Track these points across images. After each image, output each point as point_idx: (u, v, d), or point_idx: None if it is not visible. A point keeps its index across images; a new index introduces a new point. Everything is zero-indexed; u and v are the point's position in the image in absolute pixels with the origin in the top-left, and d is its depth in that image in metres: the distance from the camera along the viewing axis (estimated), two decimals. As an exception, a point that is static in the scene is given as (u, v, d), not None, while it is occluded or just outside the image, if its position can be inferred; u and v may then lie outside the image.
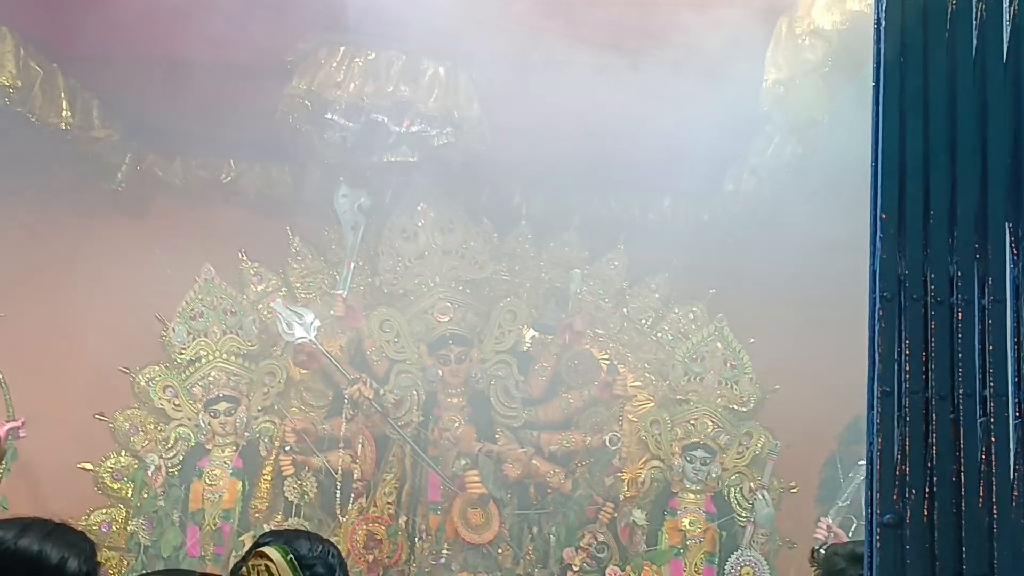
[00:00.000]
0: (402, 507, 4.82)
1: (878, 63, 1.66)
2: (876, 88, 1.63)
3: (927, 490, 1.45)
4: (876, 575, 1.41)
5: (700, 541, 4.86)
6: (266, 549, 1.99)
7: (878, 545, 1.44)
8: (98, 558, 1.57)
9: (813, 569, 2.60)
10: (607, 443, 4.92)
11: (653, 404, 5.07)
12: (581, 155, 4.66)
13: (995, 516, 1.45)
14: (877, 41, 1.65)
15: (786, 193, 4.56)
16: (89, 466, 4.83)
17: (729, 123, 4.14)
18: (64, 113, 4.48)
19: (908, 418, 1.46)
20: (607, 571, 4.80)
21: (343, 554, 2.22)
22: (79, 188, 4.97)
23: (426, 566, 4.74)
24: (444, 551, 4.70)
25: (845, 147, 3.87)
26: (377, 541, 4.74)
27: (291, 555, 2.00)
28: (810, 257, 4.63)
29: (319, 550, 2.08)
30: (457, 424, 4.87)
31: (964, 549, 1.42)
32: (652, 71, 3.99)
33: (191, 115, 4.63)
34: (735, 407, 5.03)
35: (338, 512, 4.73)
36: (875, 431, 1.49)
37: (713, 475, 4.93)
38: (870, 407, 1.51)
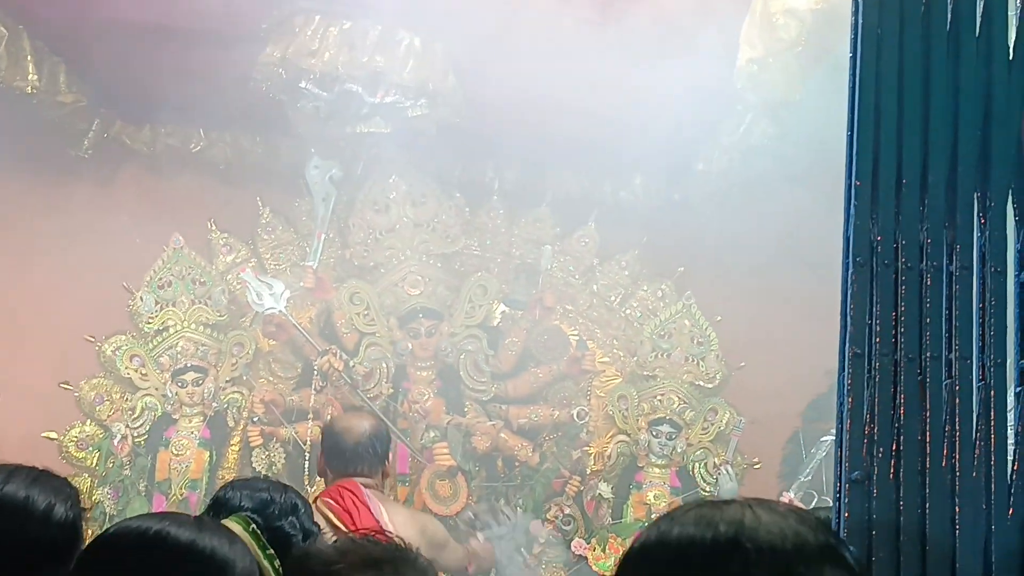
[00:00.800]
0: (370, 478, 4.83)
1: (856, 35, 1.70)
2: (853, 59, 1.67)
3: (894, 448, 1.50)
4: (845, 530, 1.46)
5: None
6: (226, 523, 1.95)
7: (847, 500, 1.49)
8: (82, 503, 1.57)
9: None
10: (575, 417, 4.97)
11: (621, 380, 5.13)
12: (554, 132, 4.68)
13: (958, 474, 1.50)
14: (855, 13, 1.68)
15: (757, 173, 4.61)
16: (54, 435, 4.79)
17: (701, 102, 4.17)
18: (30, 77, 4.41)
19: (877, 379, 1.51)
20: (573, 543, 4.86)
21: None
22: (45, 154, 4.90)
23: (393, 537, 4.76)
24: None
25: (817, 128, 3.92)
26: (345, 512, 4.75)
27: (253, 525, 1.96)
28: (779, 238, 4.70)
29: (283, 503, 2.07)
30: (426, 397, 4.89)
31: (928, 505, 1.48)
32: (627, 48, 4.00)
33: (161, 82, 4.58)
34: (701, 383, 5.10)
35: (306, 483, 4.73)
36: (846, 392, 1.53)
37: (678, 450, 5.00)
38: (841, 368, 1.56)
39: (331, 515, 3.07)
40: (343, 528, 3.01)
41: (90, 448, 4.79)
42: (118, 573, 1.35)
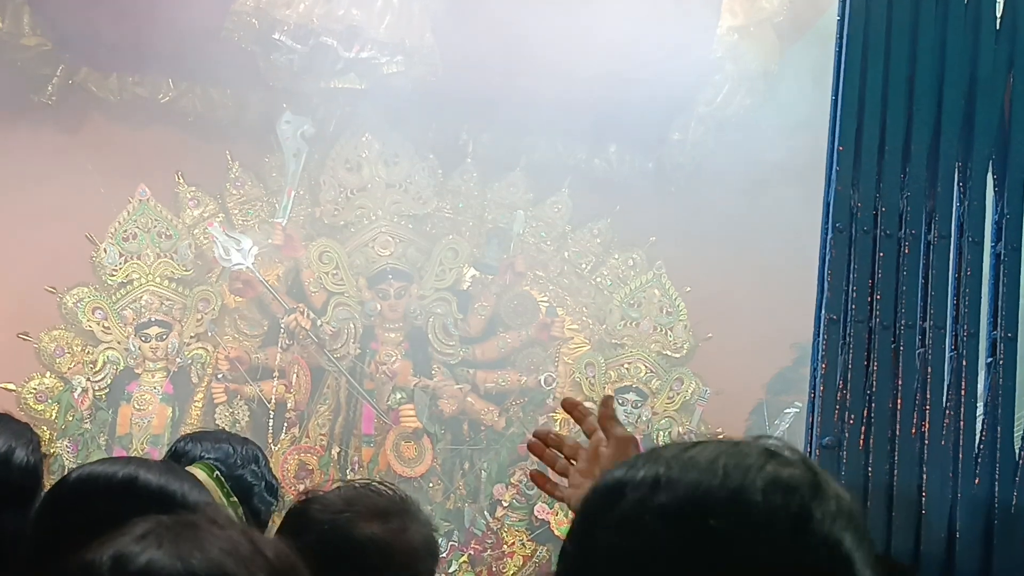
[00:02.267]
0: (335, 438, 4.81)
1: (844, 2, 1.68)
2: (840, 23, 1.65)
3: (865, 415, 1.50)
4: (813, 493, 1.46)
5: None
6: (192, 468, 1.93)
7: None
8: (43, 449, 1.53)
9: None
10: (542, 383, 4.97)
11: (589, 347, 5.13)
12: (530, 96, 4.63)
13: (927, 443, 1.51)
14: (844, -23, 1.66)
15: (732, 144, 4.61)
16: (12, 387, 4.71)
17: (679, 71, 4.15)
18: (-7, 17, 4.28)
19: (852, 346, 1.51)
20: (535, 508, 4.89)
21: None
22: (6, 97, 4.76)
23: (357, 498, 4.75)
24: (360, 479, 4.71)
25: (793, 100, 3.93)
26: (308, 471, 4.73)
27: (217, 472, 1.94)
28: (751, 210, 4.71)
29: (244, 453, 2.04)
30: (394, 359, 4.87)
31: (896, 472, 1.49)
32: (607, 13, 3.97)
33: (130, 29, 4.45)
34: (668, 353, 5.13)
35: (270, 441, 4.71)
36: (820, 357, 1.53)
37: (643, 418, 5.03)
38: (816, 334, 1.56)
39: None
40: None
41: (49, 401, 4.72)
42: (86, 518, 1.31)
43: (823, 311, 1.52)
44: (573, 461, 1.34)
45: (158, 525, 0.88)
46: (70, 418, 4.69)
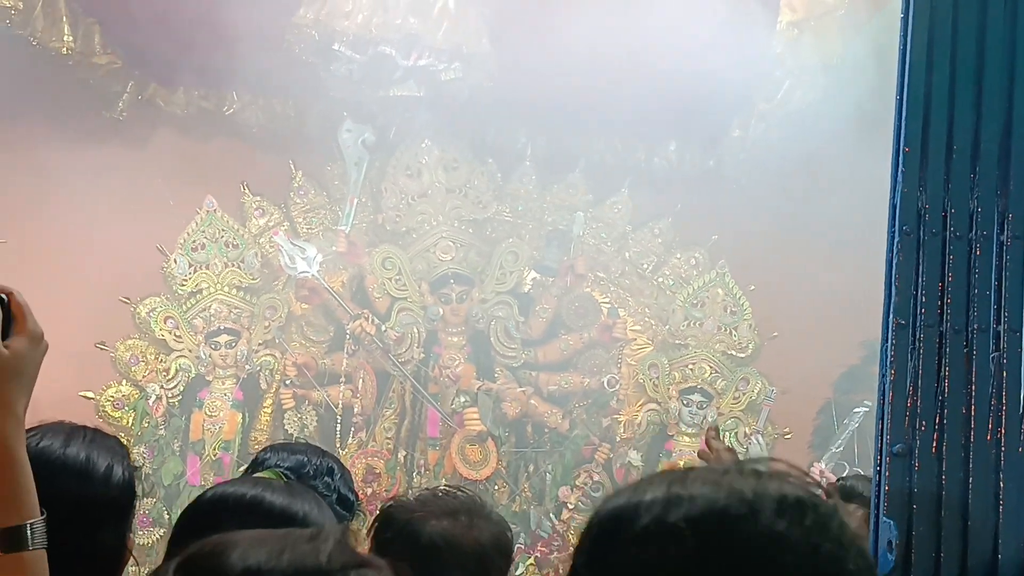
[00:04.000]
0: (401, 442, 4.87)
1: (906, -2, 1.64)
2: (904, 20, 1.61)
3: (937, 422, 1.47)
4: (885, 502, 1.44)
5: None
6: (260, 475, 1.98)
7: (887, 474, 1.46)
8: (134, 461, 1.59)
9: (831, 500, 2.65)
10: (605, 385, 4.96)
11: (652, 348, 5.10)
12: (588, 96, 4.62)
13: (1003, 449, 1.47)
14: (907, -27, 1.63)
15: (794, 140, 4.53)
16: (90, 395, 4.86)
17: (739, 67, 4.10)
18: (65, 38, 4.42)
19: (922, 351, 1.48)
20: (601, 510, 4.88)
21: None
22: (80, 115, 4.91)
23: (423, 500, 4.80)
24: (442, 486, 4.76)
25: (857, 94, 3.85)
26: (376, 475, 4.80)
27: (286, 480, 1.98)
28: (814, 207, 4.63)
29: (319, 464, 2.09)
30: (457, 362, 4.90)
31: (971, 480, 1.45)
32: (664, 11, 3.94)
33: (195, 44, 4.56)
34: (733, 353, 5.07)
35: (337, 445, 4.78)
36: (888, 363, 1.50)
37: (709, 419, 4.98)
38: (884, 339, 1.53)
39: None
40: None
41: (126, 408, 4.86)
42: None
43: (891, 316, 1.49)
44: None
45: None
46: (146, 425, 4.83)
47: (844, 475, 4.40)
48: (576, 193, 5.22)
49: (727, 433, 5.01)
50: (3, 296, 1.25)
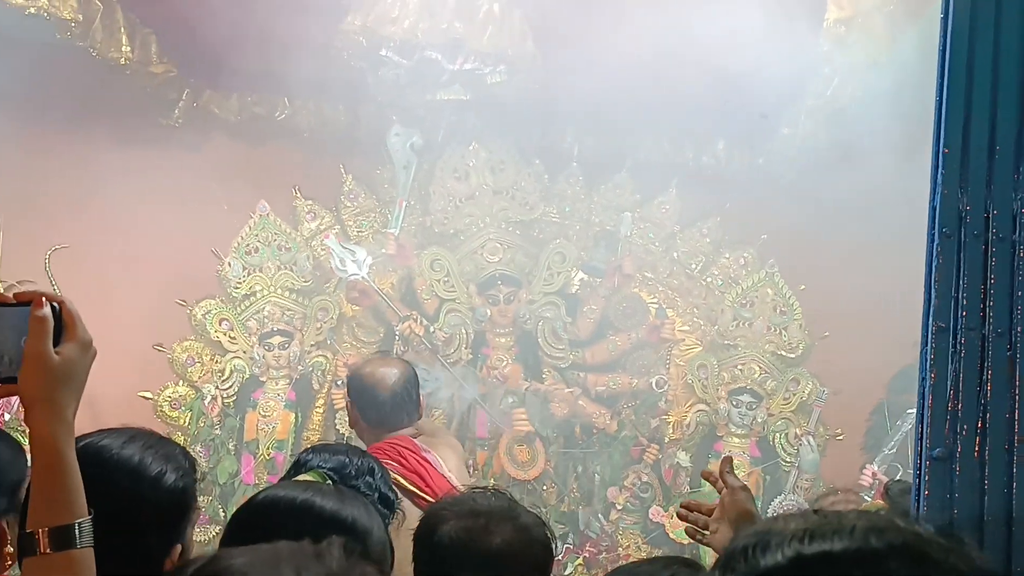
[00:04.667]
0: (450, 442, 4.91)
1: (947, -4, 1.62)
2: (944, 20, 1.60)
3: (979, 426, 1.45)
4: (924, 507, 1.43)
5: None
6: (305, 476, 2.01)
7: (927, 478, 1.45)
8: (197, 474, 1.61)
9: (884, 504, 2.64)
10: (653, 386, 4.95)
11: (701, 348, 5.08)
12: (635, 96, 4.61)
13: (1048, 454, 1.45)
14: (948, -28, 1.61)
15: (844, 137, 4.48)
16: (148, 395, 4.99)
17: (787, 64, 4.06)
18: (124, 48, 4.54)
19: (963, 354, 1.46)
20: (650, 511, 4.87)
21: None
22: (137, 123, 5.04)
23: (472, 500, 4.84)
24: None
25: (907, 90, 3.79)
26: (425, 474, 4.85)
27: (328, 482, 2.01)
28: (865, 204, 4.56)
29: (360, 465, 2.12)
30: (505, 363, 4.93)
31: (1014, 486, 1.43)
32: (709, 9, 3.92)
33: (248, 52, 4.66)
34: (783, 353, 5.02)
35: (387, 445, 4.83)
36: (928, 366, 1.49)
37: (759, 420, 4.94)
38: (924, 343, 1.52)
39: (402, 480, 2.93)
40: (415, 491, 2.93)
41: (183, 408, 4.98)
42: (268, 538, 1.42)
43: (931, 319, 1.47)
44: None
45: None
46: (202, 424, 4.94)
47: (897, 478, 4.33)
48: (623, 193, 5.22)
49: (776, 434, 4.97)
50: (55, 305, 1.29)
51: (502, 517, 1.76)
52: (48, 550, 1.21)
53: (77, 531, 1.23)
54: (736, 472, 4.93)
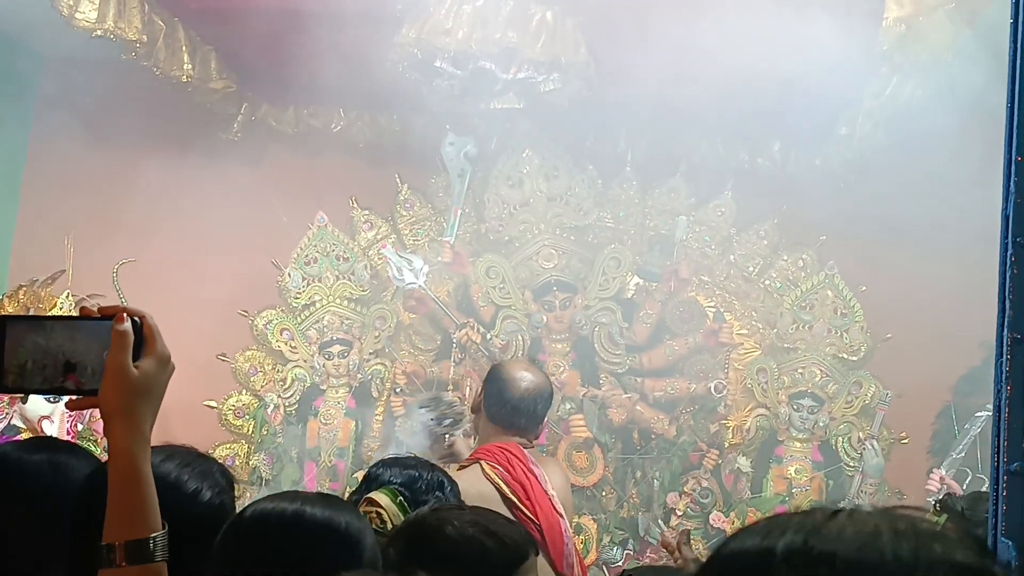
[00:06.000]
0: (508, 449, 4.93)
1: (1016, -1, 1.59)
2: (1014, 25, 1.57)
3: (1058, 439, 1.42)
4: (1003, 523, 1.40)
5: (806, 489, 4.84)
6: (375, 495, 2.02)
7: (1004, 493, 1.43)
8: (236, 492, 1.63)
9: (936, 516, 2.57)
10: (712, 390, 4.91)
11: (760, 352, 5.03)
12: (688, 99, 4.58)
13: None
14: (1016, -24, 1.58)
15: (903, 138, 4.40)
16: (213, 404, 5.10)
17: (845, 64, 4.00)
18: (185, 66, 4.65)
19: (1040, 366, 1.44)
20: (711, 516, 4.84)
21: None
22: (198, 138, 5.17)
23: (531, 506, 4.86)
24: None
25: (969, 90, 3.71)
26: (484, 481, 4.87)
27: (400, 497, 2.03)
28: (927, 205, 4.47)
29: (430, 479, 2.14)
30: (562, 369, 4.94)
31: (1095, 499, 1.40)
32: (762, 9, 3.88)
33: (303, 65, 4.73)
34: (845, 356, 4.95)
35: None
36: (1004, 379, 1.46)
37: (820, 424, 4.88)
38: (999, 355, 1.49)
39: (504, 487, 2.91)
40: (515, 501, 2.89)
41: (246, 416, 5.08)
42: (262, 554, 1.43)
43: (1005, 331, 1.45)
44: None
45: None
46: (265, 432, 5.04)
47: (967, 483, 4.24)
48: (678, 197, 5.19)
49: (839, 438, 4.90)
50: (136, 319, 1.31)
51: (506, 553, 1.71)
52: (124, 563, 1.24)
53: (152, 545, 1.26)
54: (798, 477, 4.88)
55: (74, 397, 1.32)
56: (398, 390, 4.99)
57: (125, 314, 1.30)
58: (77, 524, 1.49)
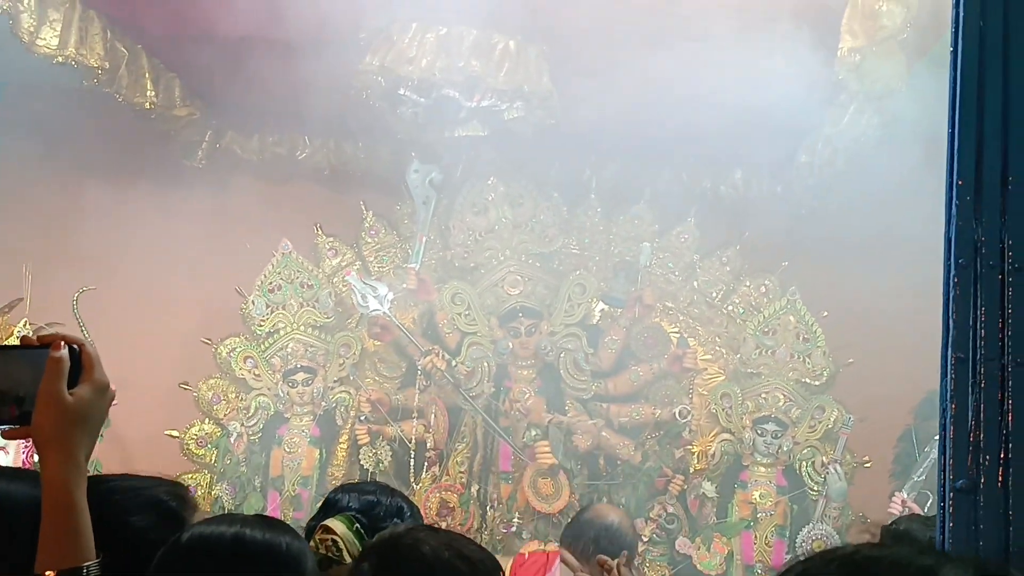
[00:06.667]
0: (474, 476, 4.91)
1: (956, 29, 1.64)
2: (954, 54, 1.61)
3: (1002, 456, 1.45)
4: (949, 540, 1.42)
5: (771, 514, 4.85)
6: (330, 522, 2.01)
7: (951, 511, 1.45)
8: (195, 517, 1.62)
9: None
10: (677, 416, 4.93)
11: (724, 377, 5.06)
12: (651, 128, 4.64)
13: (1072, 484, 1.44)
14: (956, 7, 1.63)
15: (862, 164, 4.48)
16: (175, 433, 5.03)
17: (804, 93, 4.07)
18: (148, 93, 4.64)
19: (983, 385, 1.46)
20: (677, 542, 4.83)
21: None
22: (162, 165, 5.14)
23: (497, 534, 4.83)
24: (515, 520, 4.79)
25: (925, 117, 3.79)
26: (450, 509, 4.85)
27: (357, 524, 2.01)
28: (885, 229, 4.55)
29: (389, 505, 2.12)
30: (527, 395, 4.93)
31: (1039, 516, 1.42)
32: (722, 40, 3.94)
33: (268, 93, 4.74)
34: (807, 380, 4.99)
35: (412, 480, 4.85)
36: (949, 398, 1.49)
37: (784, 448, 4.90)
38: (944, 374, 1.51)
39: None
40: None
41: (209, 446, 5.02)
42: None
43: (949, 350, 1.47)
44: None
45: None
46: (228, 462, 4.97)
47: (928, 506, 4.28)
48: (642, 224, 5.23)
49: (803, 463, 4.92)
50: (75, 346, 1.30)
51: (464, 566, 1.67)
52: None
53: (85, 573, 1.24)
54: (763, 502, 4.89)
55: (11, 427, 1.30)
56: (363, 418, 4.96)
57: (62, 341, 1.28)
58: (12, 553, 1.46)
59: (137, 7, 4.32)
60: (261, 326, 5.12)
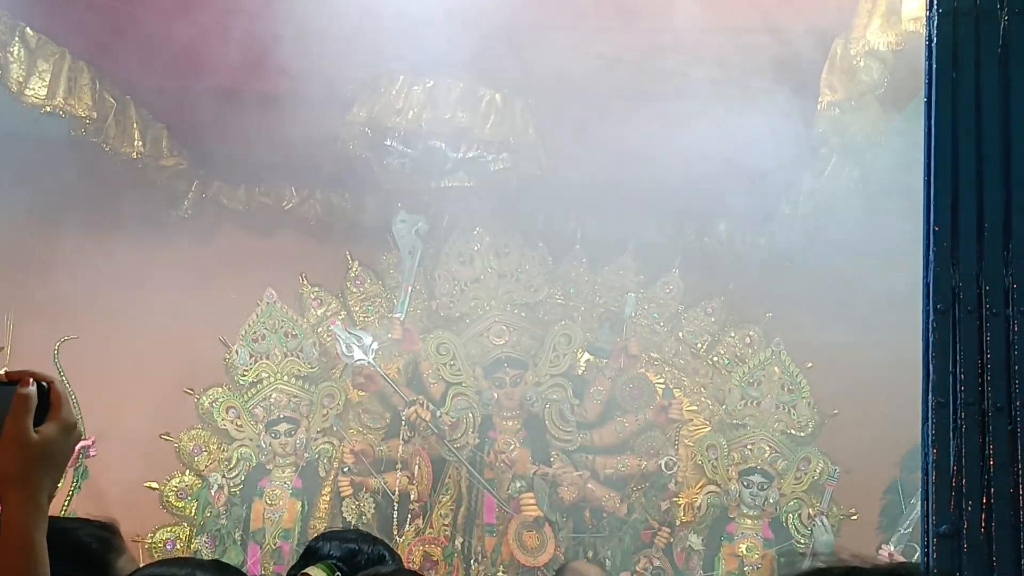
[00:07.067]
0: (458, 529, 4.85)
1: (929, 80, 1.68)
2: (928, 104, 1.65)
3: (984, 501, 1.45)
4: (933, 586, 1.41)
5: (758, 567, 4.80)
6: (310, 570, 1.97)
7: (935, 556, 1.44)
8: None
9: None
10: (663, 467, 4.90)
11: (709, 428, 5.04)
12: (636, 180, 4.69)
13: (1055, 529, 1.44)
14: (928, 58, 1.67)
15: (844, 216, 4.53)
16: (155, 485, 4.96)
17: (785, 146, 4.14)
18: (136, 143, 4.66)
19: (964, 429, 1.47)
20: (663, 596, 4.77)
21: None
22: (148, 215, 5.15)
23: (482, 588, 4.76)
24: (500, 573, 4.72)
25: (904, 169, 3.85)
26: (433, 562, 4.77)
27: (338, 572, 1.98)
28: (869, 281, 4.59)
29: (370, 552, 2.09)
30: (512, 447, 4.90)
31: (1023, 561, 1.42)
32: (703, 94, 4.02)
33: (255, 144, 4.77)
34: (793, 432, 4.98)
35: (395, 533, 4.78)
36: (930, 443, 1.49)
37: (771, 500, 4.87)
38: (925, 419, 1.52)
39: None
40: None
41: (189, 498, 4.94)
42: None
43: (929, 395, 1.48)
44: None
45: None
46: (208, 514, 4.89)
47: (916, 558, 4.25)
48: (627, 274, 5.26)
49: (789, 515, 4.89)
50: (44, 384, 1.28)
51: None
52: None
53: None
54: (749, 555, 4.85)
55: None
56: (346, 469, 4.90)
57: (31, 379, 1.27)
58: None
59: (127, 59, 4.36)
60: (244, 376, 5.08)
